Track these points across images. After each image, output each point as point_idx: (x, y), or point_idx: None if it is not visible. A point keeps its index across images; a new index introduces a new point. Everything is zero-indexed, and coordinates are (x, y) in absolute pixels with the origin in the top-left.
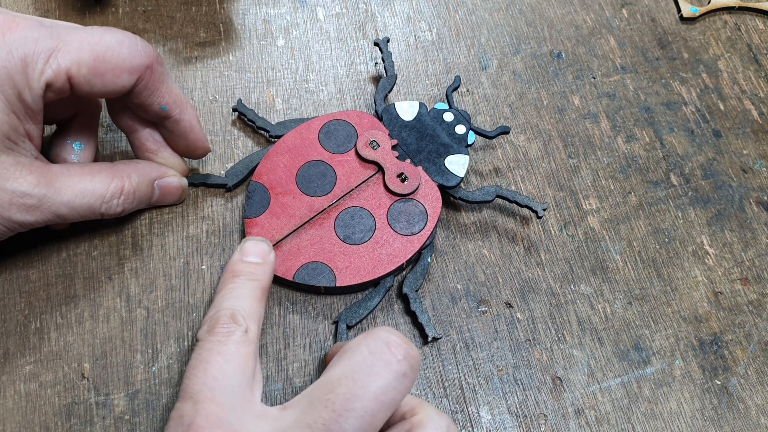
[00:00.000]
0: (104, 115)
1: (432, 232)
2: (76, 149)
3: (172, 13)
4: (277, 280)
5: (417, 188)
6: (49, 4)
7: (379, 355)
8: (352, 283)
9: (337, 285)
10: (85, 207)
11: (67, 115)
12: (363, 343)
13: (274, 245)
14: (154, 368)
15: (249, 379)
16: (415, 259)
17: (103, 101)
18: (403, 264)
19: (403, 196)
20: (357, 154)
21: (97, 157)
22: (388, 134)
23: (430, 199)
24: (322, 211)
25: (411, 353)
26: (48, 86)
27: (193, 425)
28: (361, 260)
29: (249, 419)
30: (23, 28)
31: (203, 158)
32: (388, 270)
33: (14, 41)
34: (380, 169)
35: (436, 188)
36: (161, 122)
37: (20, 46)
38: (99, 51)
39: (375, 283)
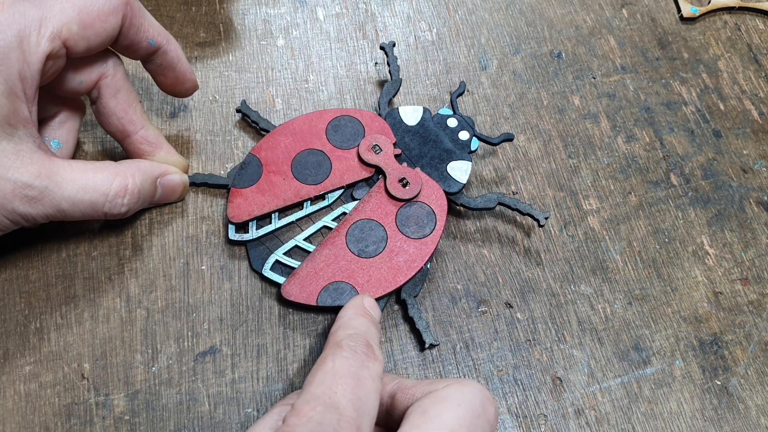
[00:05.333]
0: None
1: (443, 231)
2: (53, 147)
3: (172, 13)
4: (301, 307)
5: (420, 191)
6: None
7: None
8: (377, 295)
9: None
10: (88, 204)
11: (49, 113)
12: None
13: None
14: (153, 368)
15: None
16: None
17: (87, 107)
18: (423, 267)
19: (406, 201)
20: (359, 155)
21: (96, 158)
22: (394, 142)
23: (435, 198)
24: (308, 201)
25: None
26: (47, 57)
27: None
28: (380, 271)
29: None
30: (8, 5)
31: (202, 158)
32: (409, 276)
33: (4, 20)
34: (380, 173)
35: (438, 187)
36: (151, 58)
37: (11, 23)
38: (80, 4)
39: (398, 292)
